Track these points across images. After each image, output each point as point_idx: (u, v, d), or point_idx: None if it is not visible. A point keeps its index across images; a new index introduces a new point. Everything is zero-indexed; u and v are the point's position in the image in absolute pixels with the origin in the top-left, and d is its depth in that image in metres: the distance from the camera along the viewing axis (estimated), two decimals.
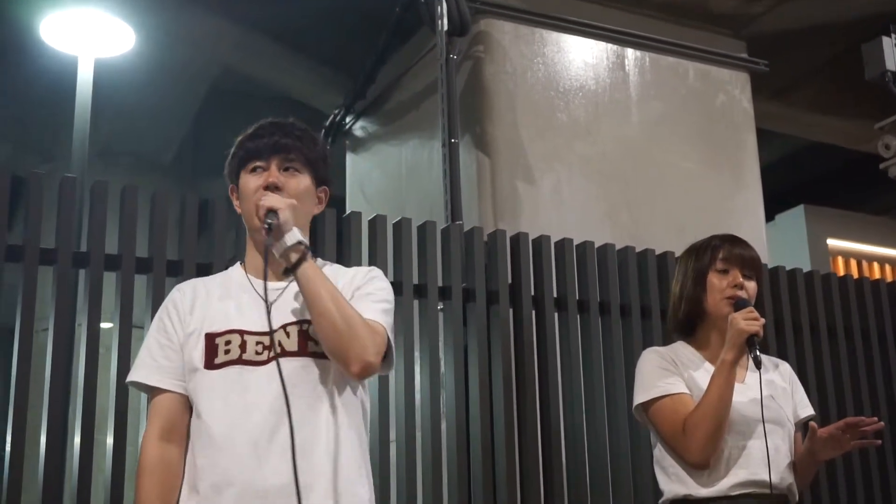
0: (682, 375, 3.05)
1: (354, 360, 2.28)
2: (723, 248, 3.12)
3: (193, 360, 2.35)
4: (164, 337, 2.42)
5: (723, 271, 3.09)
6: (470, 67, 5.70)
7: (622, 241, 4.89)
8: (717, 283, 3.08)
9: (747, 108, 6.51)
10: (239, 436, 2.25)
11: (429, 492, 4.05)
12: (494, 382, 4.28)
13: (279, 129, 2.46)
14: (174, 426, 2.37)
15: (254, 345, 2.33)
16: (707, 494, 2.94)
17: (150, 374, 2.40)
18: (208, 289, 2.46)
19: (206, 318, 2.38)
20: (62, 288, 3.71)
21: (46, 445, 3.56)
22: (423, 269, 4.30)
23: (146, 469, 2.33)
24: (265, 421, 2.26)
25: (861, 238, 9.44)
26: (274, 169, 2.42)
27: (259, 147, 2.43)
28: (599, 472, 4.37)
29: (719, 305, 3.06)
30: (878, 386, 5.13)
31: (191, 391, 2.35)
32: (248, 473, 2.23)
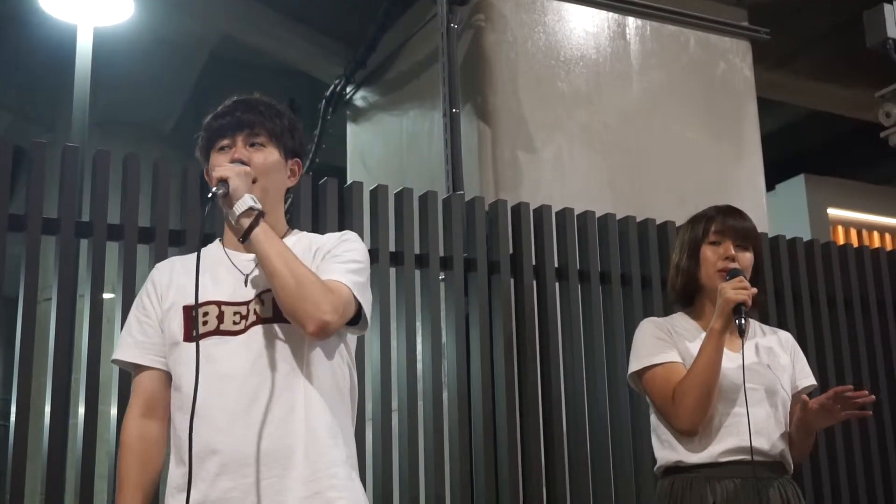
0: (678, 346, 3.08)
1: (308, 319, 2.26)
2: (716, 219, 3.14)
3: (174, 334, 2.37)
4: (142, 314, 2.44)
5: (715, 243, 3.10)
6: (471, 36, 5.69)
7: (623, 211, 4.89)
8: (709, 256, 3.10)
9: (748, 76, 6.50)
10: (218, 405, 2.27)
11: (430, 460, 4.08)
12: (496, 352, 4.29)
13: (241, 106, 2.47)
14: (154, 402, 2.40)
15: (231, 315, 2.34)
16: (697, 461, 2.98)
17: (129, 351, 2.43)
18: (185, 265, 2.47)
19: (184, 291, 2.38)
20: (65, 257, 3.72)
21: (50, 415, 3.58)
22: (425, 239, 4.30)
23: (126, 446, 2.36)
24: (243, 388, 2.28)
25: (861, 207, 9.45)
26: (240, 145, 2.43)
27: (223, 125, 2.44)
28: (600, 441, 4.40)
29: (712, 278, 3.08)
30: (877, 355, 5.14)
31: (171, 364, 2.38)
32: (230, 441, 2.25)
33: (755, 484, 2.93)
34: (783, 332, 3.30)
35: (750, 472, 2.93)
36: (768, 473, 2.98)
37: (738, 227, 3.13)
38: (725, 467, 2.95)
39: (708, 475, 2.96)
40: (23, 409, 3.55)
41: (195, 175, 3.95)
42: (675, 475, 3.02)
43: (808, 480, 4.72)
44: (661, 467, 3.10)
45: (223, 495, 2.24)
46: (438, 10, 5.46)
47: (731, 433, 2.96)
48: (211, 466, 2.25)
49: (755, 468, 2.93)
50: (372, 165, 6.67)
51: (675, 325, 3.16)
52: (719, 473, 2.95)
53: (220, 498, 2.24)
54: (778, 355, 3.14)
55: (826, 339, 5.01)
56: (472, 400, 4.22)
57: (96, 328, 3.71)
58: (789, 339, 3.25)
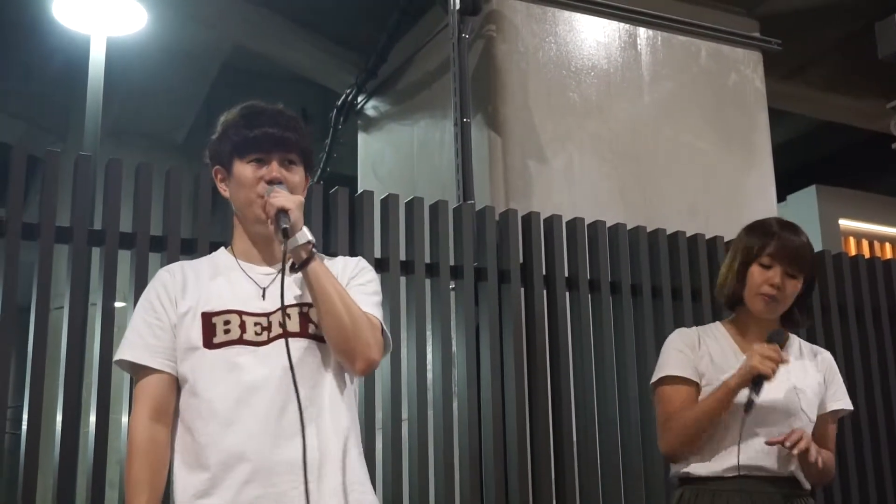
0: (701, 360, 3.06)
1: (360, 358, 2.33)
2: (773, 242, 3.02)
3: (191, 339, 2.35)
4: (152, 316, 2.40)
5: (766, 266, 3.02)
6: (482, 46, 5.70)
7: (634, 221, 4.90)
8: (756, 277, 3.02)
9: (759, 87, 6.50)
10: (247, 414, 2.27)
11: (440, 469, 4.08)
12: (506, 361, 4.29)
13: (277, 122, 2.45)
14: (163, 407, 2.36)
15: (253, 325, 2.35)
16: (705, 473, 2.98)
17: (137, 353, 2.38)
18: (196, 270, 2.46)
19: (201, 297, 2.38)
20: (77, 266, 3.73)
21: (62, 424, 3.59)
22: (435, 249, 4.31)
23: (138, 449, 2.32)
24: (273, 399, 2.28)
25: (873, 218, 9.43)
26: (275, 164, 2.41)
27: (259, 139, 2.41)
28: (610, 451, 4.39)
29: (753, 300, 3.04)
30: (889, 366, 5.13)
31: (187, 370, 2.35)
32: (261, 449, 2.25)
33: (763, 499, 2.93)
34: (825, 352, 3.24)
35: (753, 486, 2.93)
36: (776, 489, 2.97)
37: (791, 254, 3.03)
38: (732, 481, 2.95)
39: (715, 489, 2.96)
40: (34, 417, 3.56)
41: (207, 184, 3.96)
42: (686, 486, 3.03)
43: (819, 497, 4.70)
44: (673, 476, 3.11)
45: (252, 502, 2.23)
46: (450, 21, 5.47)
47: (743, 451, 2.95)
48: (238, 474, 2.24)
49: (765, 484, 2.94)
50: (383, 175, 6.69)
51: (707, 335, 3.13)
52: (726, 486, 2.95)
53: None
54: (810, 378, 3.10)
55: (838, 350, 5.00)
56: (483, 409, 4.22)
57: (108, 336, 3.72)
58: (827, 361, 3.20)
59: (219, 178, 2.51)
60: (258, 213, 2.39)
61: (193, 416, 2.33)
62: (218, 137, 2.50)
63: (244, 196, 2.42)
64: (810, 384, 3.08)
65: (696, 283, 4.82)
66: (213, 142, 2.51)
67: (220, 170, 2.50)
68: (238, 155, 2.43)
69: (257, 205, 2.39)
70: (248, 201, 2.41)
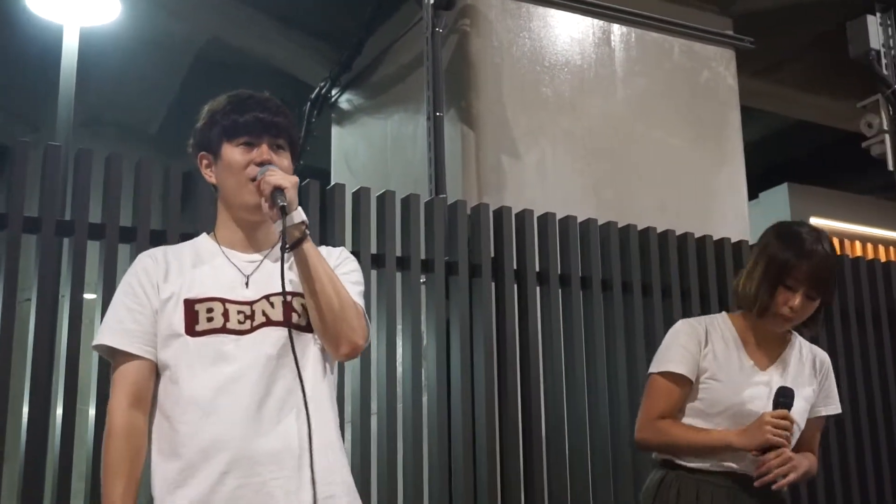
0: (705, 357, 3.06)
1: (345, 342, 2.34)
2: (805, 264, 2.96)
3: (173, 326, 2.33)
4: (133, 301, 2.37)
5: (790, 287, 2.98)
6: (456, 41, 5.70)
7: (605, 217, 4.91)
8: (779, 298, 2.99)
9: (732, 84, 6.54)
10: (228, 403, 2.26)
11: (410, 463, 4.08)
12: (476, 356, 4.30)
13: (268, 108, 2.45)
14: (141, 393, 2.33)
15: (236, 314, 2.33)
16: (689, 465, 3.02)
17: (117, 338, 2.35)
18: (179, 256, 2.44)
19: (184, 283, 2.37)
20: (46, 256, 3.71)
21: (29, 415, 3.57)
22: (407, 242, 4.31)
23: (116, 434, 2.30)
24: (255, 389, 2.27)
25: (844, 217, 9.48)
26: (265, 147, 2.41)
27: (250, 123, 2.41)
28: (579, 444, 4.41)
29: (771, 320, 3.03)
30: (854, 364, 5.17)
31: (168, 357, 2.33)
32: (241, 439, 2.24)
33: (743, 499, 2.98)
34: (823, 354, 3.24)
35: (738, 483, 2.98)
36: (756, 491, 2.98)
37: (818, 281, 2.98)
38: (717, 476, 2.99)
39: (698, 478, 2.99)
40: (1, 408, 3.53)
41: (177, 175, 3.95)
42: (667, 469, 3.06)
43: None
44: (657, 457, 3.13)
45: (232, 493, 2.22)
46: (424, 15, 5.48)
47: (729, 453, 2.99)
48: (217, 464, 2.23)
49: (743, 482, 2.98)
50: (356, 168, 6.68)
51: (714, 328, 3.12)
52: (710, 479, 2.99)
53: (228, 496, 2.22)
54: (805, 384, 3.11)
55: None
56: (452, 403, 4.23)
57: (76, 327, 3.69)
58: (824, 363, 3.21)
59: (204, 164, 2.49)
60: (247, 197, 2.38)
61: (172, 404, 2.31)
62: (205, 123, 2.48)
63: (233, 180, 2.41)
64: (805, 394, 3.09)
65: (666, 278, 4.84)
66: (200, 128, 2.50)
67: (205, 155, 2.48)
68: (227, 138, 2.42)
69: (246, 189, 2.38)
70: (237, 185, 2.40)
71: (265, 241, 2.46)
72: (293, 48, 7.32)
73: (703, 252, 4.98)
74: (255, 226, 2.44)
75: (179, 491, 2.24)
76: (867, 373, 5.19)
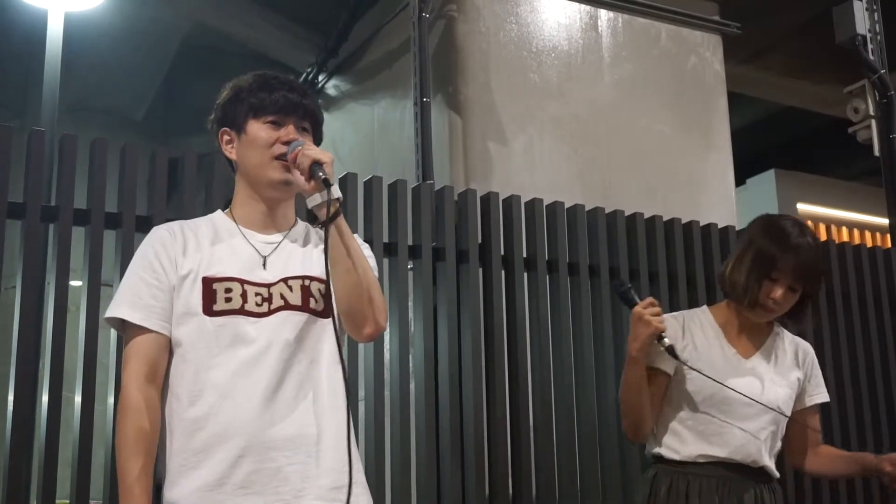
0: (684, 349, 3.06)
1: (370, 322, 2.34)
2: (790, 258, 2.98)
3: (191, 304, 2.30)
4: (150, 276, 2.33)
5: (773, 280, 3.01)
6: (443, 26, 5.69)
7: (593, 202, 4.91)
8: (763, 290, 3.01)
9: (719, 70, 6.54)
10: (245, 386, 2.24)
11: (397, 450, 4.08)
12: (463, 342, 4.30)
13: (295, 88, 2.46)
14: (156, 368, 2.30)
15: (254, 296, 2.32)
16: (677, 458, 3.04)
17: (134, 312, 2.30)
18: (196, 232, 2.42)
19: (202, 261, 2.34)
20: (31, 242, 3.69)
21: (14, 403, 3.54)
22: (394, 228, 4.30)
23: (131, 409, 2.24)
24: (272, 372, 2.26)
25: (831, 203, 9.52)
26: (292, 127, 2.41)
27: (278, 101, 2.41)
28: (567, 430, 4.41)
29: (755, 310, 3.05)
30: (841, 348, 5.18)
31: (182, 335, 2.30)
32: (256, 424, 2.23)
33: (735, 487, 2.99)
34: (806, 344, 3.26)
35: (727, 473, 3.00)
36: (747, 478, 3.02)
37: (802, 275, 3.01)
38: (706, 467, 3.01)
39: (689, 472, 3.01)
40: None
41: (163, 161, 3.93)
42: (660, 465, 3.08)
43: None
44: (648, 453, 3.16)
45: (246, 477, 2.21)
46: (410, 0, 5.45)
47: (713, 441, 3.01)
48: (232, 448, 2.21)
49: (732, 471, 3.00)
50: (343, 154, 6.66)
51: (693, 322, 3.15)
52: (700, 472, 3.00)
53: (243, 480, 2.21)
54: (788, 371, 3.13)
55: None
56: (440, 390, 4.22)
57: (61, 314, 3.67)
58: (808, 354, 3.23)
59: (224, 140, 2.48)
60: (271, 173, 2.38)
61: (186, 384, 2.28)
62: (229, 100, 2.48)
63: (257, 156, 2.41)
64: (790, 380, 3.12)
65: (653, 264, 4.84)
66: (223, 104, 2.49)
67: (227, 131, 2.47)
68: (254, 115, 2.42)
69: (271, 165, 2.38)
70: (261, 162, 2.40)
71: (283, 221, 2.46)
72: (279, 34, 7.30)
73: (690, 238, 4.98)
74: (275, 204, 2.44)
75: (193, 472, 2.23)
76: (853, 357, 5.21)
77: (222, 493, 2.20)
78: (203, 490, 2.20)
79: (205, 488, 2.20)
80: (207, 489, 2.20)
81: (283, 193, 2.42)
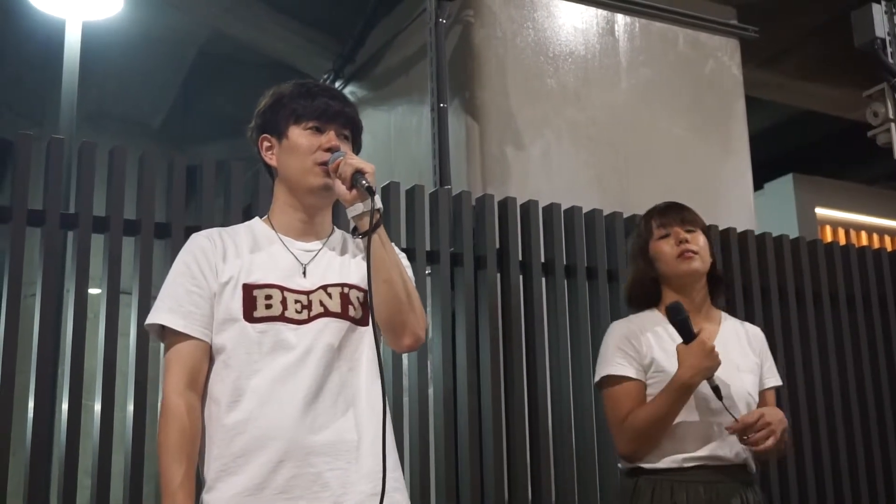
0: (650, 349, 3.05)
1: (410, 333, 2.36)
2: (654, 216, 3.16)
3: (231, 311, 2.31)
4: (191, 283, 2.35)
5: (665, 236, 3.10)
6: (460, 32, 5.69)
7: (610, 207, 4.90)
8: (665, 249, 3.09)
9: (736, 74, 6.52)
10: (286, 392, 2.25)
11: (416, 456, 4.07)
12: (482, 347, 4.29)
13: (336, 97, 2.49)
14: (197, 375, 2.31)
15: (293, 303, 2.33)
16: (659, 466, 2.97)
17: (175, 318, 2.32)
18: (234, 239, 2.43)
19: (242, 268, 2.35)
20: (50, 249, 3.70)
21: (34, 411, 3.55)
22: (412, 234, 4.30)
23: (174, 416, 2.25)
24: (311, 379, 2.27)
25: (849, 207, 9.47)
26: (333, 134, 2.42)
27: (320, 108, 2.43)
28: (585, 435, 4.40)
29: (673, 265, 3.08)
30: (862, 352, 5.15)
31: (224, 341, 2.31)
32: (296, 430, 2.23)
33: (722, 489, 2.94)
34: (752, 326, 3.27)
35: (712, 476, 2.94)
36: (730, 479, 2.97)
37: (681, 214, 3.16)
38: (688, 472, 2.95)
39: (672, 478, 2.95)
40: (6, 404, 3.51)
41: (181, 168, 3.94)
42: (640, 476, 3.01)
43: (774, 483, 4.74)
44: (623, 469, 3.10)
45: (286, 483, 2.21)
46: (427, 6, 5.47)
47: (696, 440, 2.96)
48: (272, 453, 2.22)
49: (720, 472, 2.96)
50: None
51: (645, 324, 3.13)
52: (685, 478, 2.94)
53: (283, 485, 2.21)
54: (749, 359, 3.12)
55: (812, 336, 5.02)
56: (458, 395, 4.22)
57: (81, 322, 3.68)
58: (759, 336, 3.23)
59: (265, 147, 2.50)
60: (311, 180, 2.40)
61: (227, 389, 2.30)
62: (269, 106, 2.49)
63: (298, 163, 2.42)
64: (749, 365, 3.10)
65: None
66: (263, 111, 2.51)
67: (267, 137, 2.49)
68: (295, 121, 2.44)
69: (312, 172, 2.39)
70: (302, 168, 2.41)
71: (321, 229, 2.48)
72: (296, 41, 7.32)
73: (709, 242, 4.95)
74: (314, 211, 2.45)
75: (232, 478, 2.24)
76: (874, 362, 5.18)
77: (262, 499, 2.21)
78: (243, 495, 2.22)
79: (244, 493, 2.22)
80: (247, 494, 2.22)
81: (323, 200, 2.44)
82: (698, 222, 3.16)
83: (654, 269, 3.13)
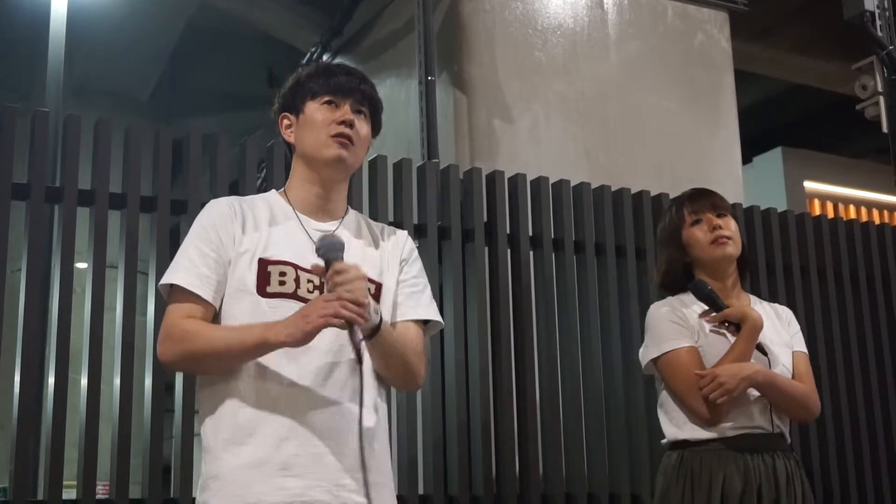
0: (689, 324, 3.14)
1: (408, 388, 2.64)
2: (684, 202, 3.24)
3: (246, 283, 2.33)
4: (208, 247, 2.36)
5: (697, 221, 3.17)
6: (447, 5, 5.66)
7: (599, 181, 4.89)
8: (698, 235, 3.16)
9: (726, 48, 6.50)
10: (295, 370, 2.27)
11: (403, 429, 4.08)
12: (469, 321, 4.29)
13: (353, 74, 2.51)
14: None
15: (306, 282, 2.34)
16: (704, 437, 3.05)
17: (191, 279, 2.33)
18: (253, 210, 2.44)
19: (260, 241, 2.37)
20: (35, 223, 3.69)
21: (21, 386, 3.55)
22: (399, 207, 4.29)
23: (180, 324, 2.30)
24: (321, 360, 2.29)
25: (838, 181, 9.49)
26: (348, 108, 2.44)
27: (335, 84, 2.46)
28: (574, 408, 4.41)
29: (708, 251, 3.15)
30: (849, 325, 5.16)
31: (238, 312, 2.32)
32: (302, 408, 2.26)
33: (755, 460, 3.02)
34: (781, 307, 3.39)
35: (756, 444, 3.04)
36: (766, 445, 3.06)
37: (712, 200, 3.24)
38: (733, 440, 3.03)
39: (718, 448, 3.03)
40: None
41: (168, 141, 3.93)
42: (683, 449, 3.09)
43: None
44: (668, 442, 3.17)
45: (288, 459, 2.24)
46: None
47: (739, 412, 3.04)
48: (278, 428, 2.25)
49: (760, 441, 3.05)
50: None
51: (686, 304, 3.20)
52: (728, 445, 3.03)
53: (286, 460, 2.23)
54: (781, 333, 3.23)
55: (800, 309, 5.02)
56: (446, 368, 4.22)
57: (67, 296, 3.67)
58: (789, 315, 3.35)
59: (284, 125, 2.53)
60: (325, 152, 2.42)
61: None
62: (289, 87, 2.53)
63: (313, 136, 2.44)
64: (783, 338, 3.21)
65: None
66: (284, 93, 2.54)
67: (286, 115, 2.52)
68: (311, 97, 2.47)
69: (326, 144, 2.41)
70: (317, 141, 2.43)
71: (336, 207, 2.50)
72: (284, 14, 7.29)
73: None
74: (331, 185, 2.47)
75: (238, 448, 2.26)
76: (861, 336, 5.19)
77: (264, 472, 2.24)
78: (245, 468, 2.24)
79: (246, 466, 2.24)
80: (249, 467, 2.24)
81: (339, 172, 2.46)
82: (727, 207, 3.24)
83: (687, 255, 3.21)
